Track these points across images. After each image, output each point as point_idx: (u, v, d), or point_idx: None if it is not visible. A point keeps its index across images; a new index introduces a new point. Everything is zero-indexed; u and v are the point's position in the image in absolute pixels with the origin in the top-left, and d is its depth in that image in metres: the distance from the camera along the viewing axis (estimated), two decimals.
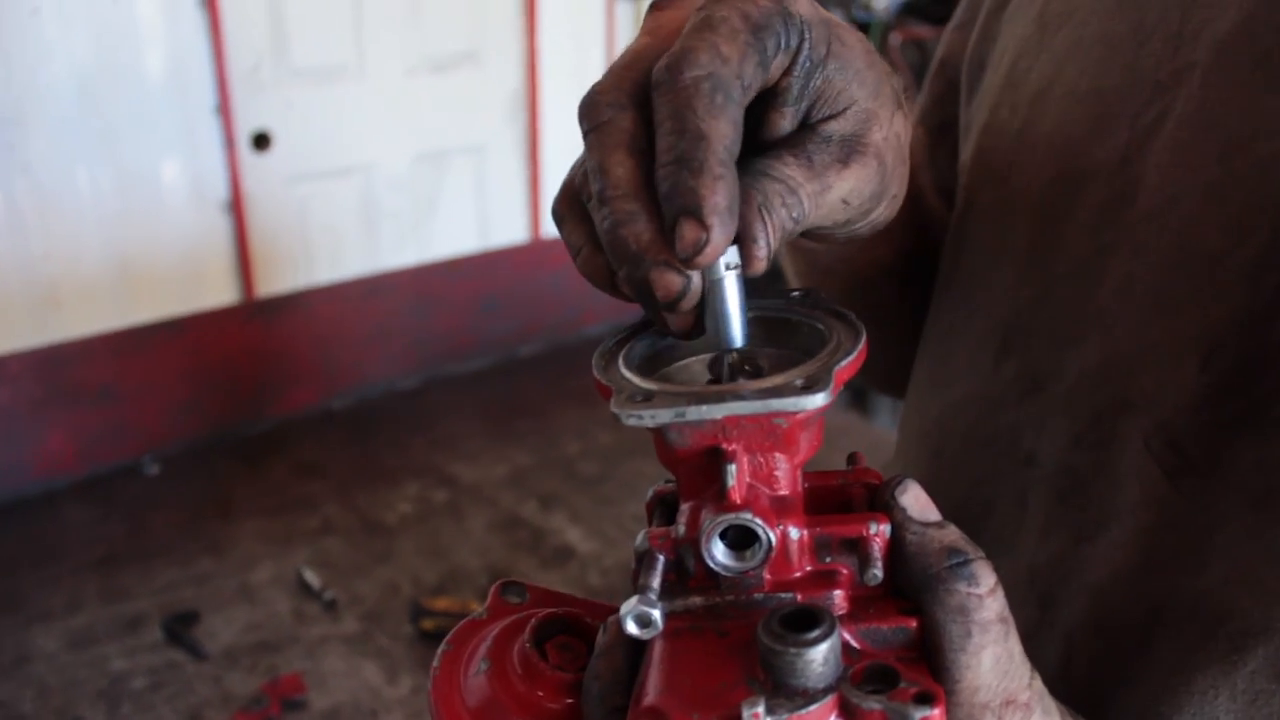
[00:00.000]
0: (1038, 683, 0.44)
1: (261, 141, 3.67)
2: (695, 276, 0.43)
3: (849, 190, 0.49)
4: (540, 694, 0.49)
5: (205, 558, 2.94)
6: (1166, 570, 0.58)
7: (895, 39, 4.86)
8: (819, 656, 0.38)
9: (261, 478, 3.25)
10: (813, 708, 0.38)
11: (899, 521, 0.43)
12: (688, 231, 0.41)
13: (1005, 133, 0.73)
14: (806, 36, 0.46)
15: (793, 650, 0.38)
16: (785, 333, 0.49)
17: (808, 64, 0.46)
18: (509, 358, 4.12)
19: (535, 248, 4.05)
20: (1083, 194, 0.66)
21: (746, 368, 0.46)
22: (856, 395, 4.27)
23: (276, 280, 3.70)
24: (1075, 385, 0.65)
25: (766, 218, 0.45)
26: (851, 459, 0.49)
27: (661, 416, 0.41)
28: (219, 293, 3.59)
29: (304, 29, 3.66)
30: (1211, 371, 0.57)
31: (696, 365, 0.49)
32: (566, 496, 3.22)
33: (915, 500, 0.44)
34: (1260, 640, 0.54)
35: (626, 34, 4.20)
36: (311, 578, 2.87)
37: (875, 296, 0.85)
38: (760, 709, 0.37)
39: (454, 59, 3.94)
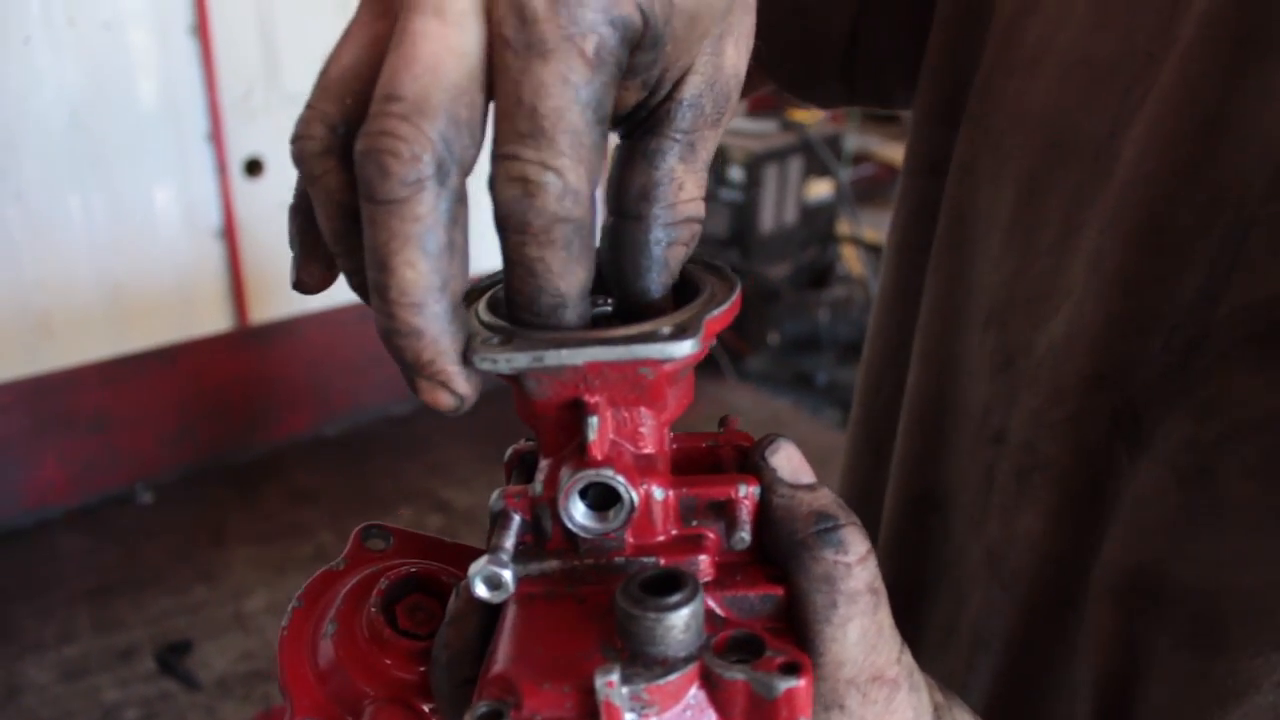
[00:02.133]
0: (907, 657, 0.42)
1: (254, 168, 3.68)
2: (468, 394, 0.38)
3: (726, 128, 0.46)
4: (388, 662, 0.45)
5: (199, 586, 2.93)
6: (1116, 542, 0.58)
7: None
8: (679, 623, 0.36)
9: (255, 505, 3.25)
10: (672, 677, 0.36)
11: (768, 483, 0.40)
12: (444, 399, 0.38)
13: (1000, 97, 0.72)
14: (656, 31, 0.39)
15: (652, 615, 0.36)
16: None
17: (653, 50, 0.40)
18: (501, 384, 4.07)
19: None
20: (1067, 166, 0.65)
21: (614, 314, 0.43)
22: (848, 412, 4.27)
23: (269, 306, 3.70)
24: (1043, 360, 0.64)
25: (669, 266, 0.42)
26: (723, 421, 0.46)
27: (518, 361, 0.37)
28: (212, 319, 3.59)
29: (295, 55, 3.67)
30: (1171, 350, 0.56)
31: None
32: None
33: (787, 460, 0.41)
34: (1181, 605, 0.54)
35: None
36: None
37: None
38: (615, 677, 0.34)
39: None
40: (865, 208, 5.50)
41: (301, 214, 0.42)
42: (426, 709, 0.45)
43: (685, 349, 0.37)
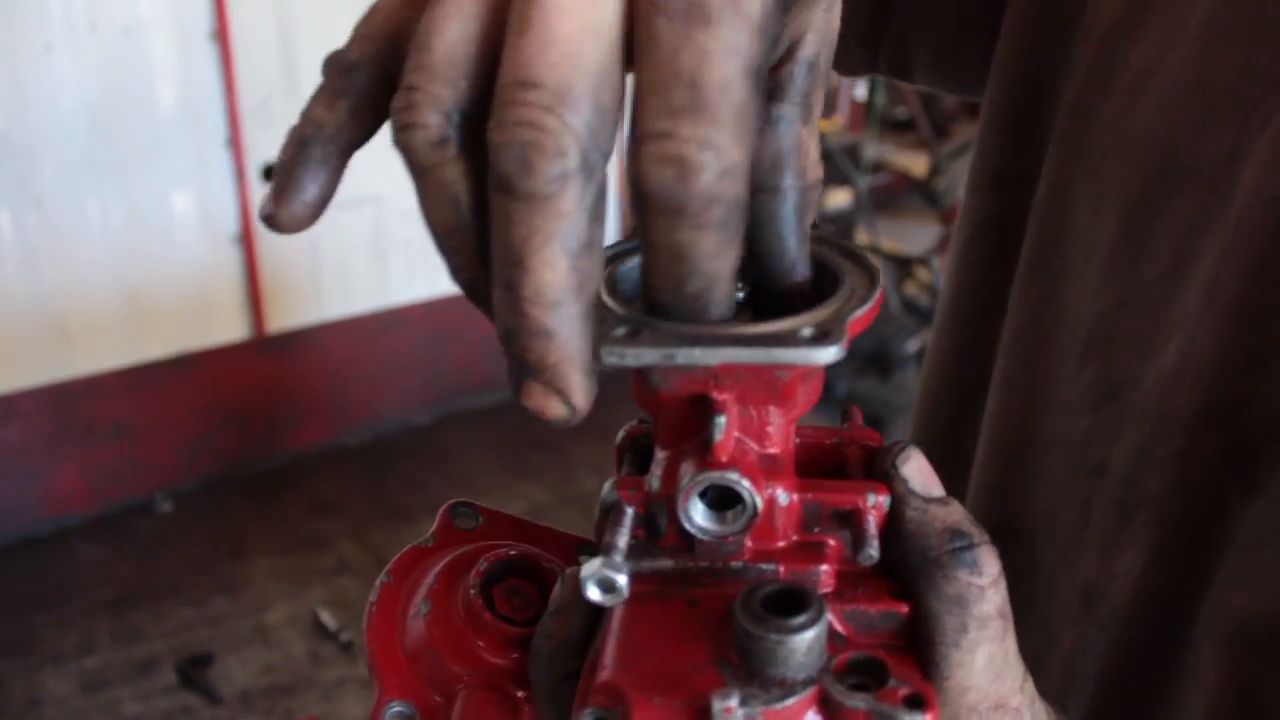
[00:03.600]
0: (1029, 686, 0.40)
1: (272, 174, 3.65)
2: (582, 407, 0.35)
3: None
4: (482, 646, 0.44)
5: (219, 597, 2.91)
6: (1226, 586, 0.56)
7: None
8: (803, 646, 0.34)
9: (275, 515, 3.22)
10: (790, 701, 0.34)
11: (899, 494, 0.38)
12: (555, 408, 0.35)
13: (1098, 120, 0.68)
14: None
15: (774, 637, 0.34)
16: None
17: (790, 9, 0.37)
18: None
19: None
20: (1180, 192, 0.62)
21: (746, 304, 0.41)
22: (873, 422, 4.26)
23: (287, 314, 3.68)
24: (1150, 393, 0.61)
25: (808, 238, 0.41)
26: (846, 415, 0.44)
27: (647, 357, 0.35)
28: (230, 328, 3.57)
29: (314, 61, 3.60)
30: None
31: None
32: (584, 534, 3.15)
33: (919, 471, 0.39)
34: None
35: None
36: (328, 619, 2.83)
37: None
38: (734, 702, 0.32)
39: None
40: (881, 217, 5.49)
41: (308, 144, 0.38)
42: (520, 695, 0.43)
43: (828, 356, 0.35)
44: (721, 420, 0.36)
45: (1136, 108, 0.66)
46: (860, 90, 5.35)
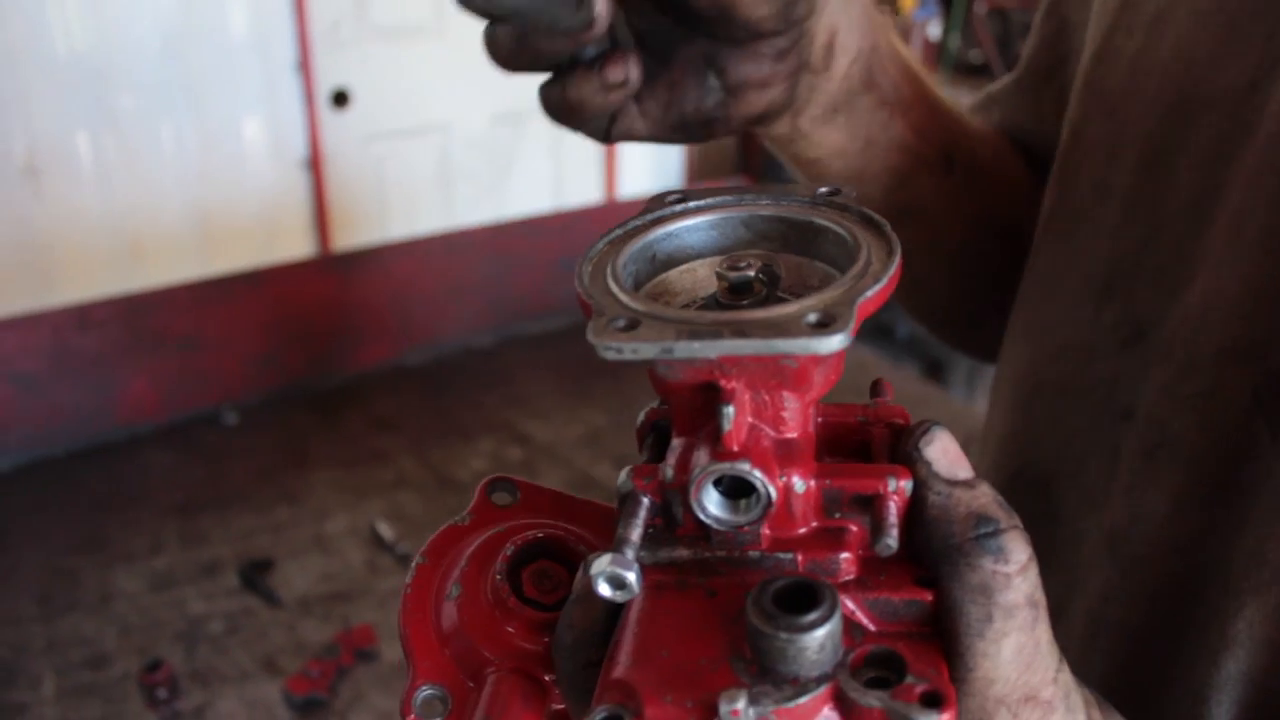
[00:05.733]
0: (1065, 676, 0.38)
1: (340, 99, 3.69)
2: None
3: None
4: (511, 630, 0.43)
5: (281, 507, 2.97)
6: (1262, 533, 0.54)
7: (981, 8, 4.75)
8: (814, 644, 0.33)
9: (337, 430, 3.28)
10: (803, 699, 0.33)
11: (922, 478, 0.37)
12: None
13: (1119, 58, 0.67)
14: None
15: (784, 635, 0.33)
16: (808, 237, 0.41)
17: None
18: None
19: (610, 209, 4.04)
20: (1200, 123, 0.60)
21: (761, 276, 0.39)
22: (931, 365, 4.20)
23: (353, 236, 3.73)
24: (1177, 332, 0.59)
25: None
26: (875, 388, 0.42)
27: (645, 351, 0.35)
28: (297, 247, 3.63)
29: None
30: None
31: (702, 269, 0.42)
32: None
33: (944, 453, 0.37)
34: None
35: None
36: (385, 530, 2.88)
37: (918, 192, 0.78)
38: (740, 704, 0.32)
39: None
40: None
41: None
42: (549, 679, 0.43)
43: (833, 345, 0.33)
44: (729, 410, 0.35)
45: (1157, 43, 0.64)
46: (934, 30, 5.23)
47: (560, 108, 0.57)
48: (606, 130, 0.60)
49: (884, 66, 0.68)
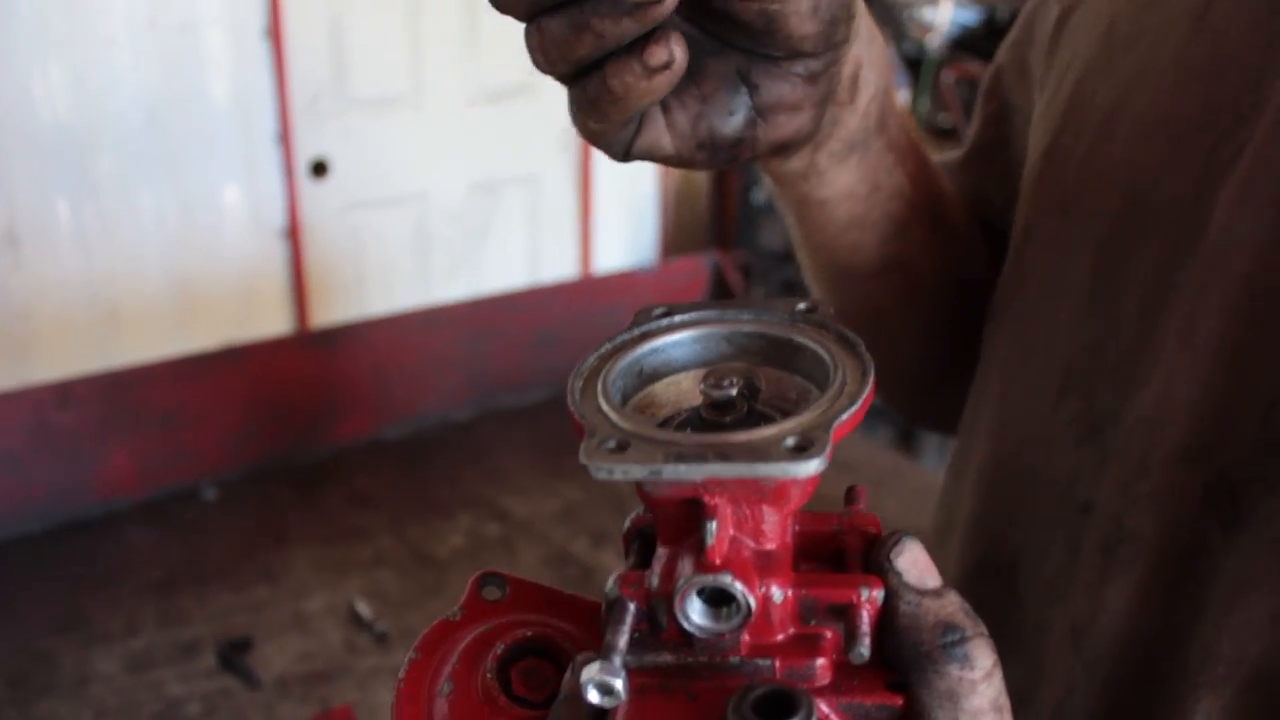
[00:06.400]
0: None
1: (320, 169, 3.74)
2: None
3: None
4: None
5: (260, 584, 2.98)
6: (1215, 628, 0.56)
7: (948, 76, 4.86)
8: None
9: (316, 506, 3.29)
10: None
11: (893, 588, 0.39)
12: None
13: (1069, 159, 0.70)
14: None
15: None
16: (786, 353, 0.44)
17: None
18: (562, 391, 4.05)
19: (585, 284, 4.09)
20: (1150, 230, 0.63)
21: (743, 392, 0.41)
22: (903, 434, 4.26)
23: (331, 308, 3.76)
24: (1132, 431, 0.62)
25: None
26: (849, 495, 0.45)
27: (634, 473, 0.37)
28: (275, 321, 3.66)
29: (364, 59, 3.73)
30: (1271, 425, 0.54)
31: (686, 382, 0.44)
32: (617, 534, 3.16)
33: (914, 563, 0.39)
34: None
35: None
36: (364, 609, 2.90)
37: (910, 245, 0.79)
38: None
39: (510, 90, 3.99)
40: None
41: None
42: None
43: (810, 469, 0.36)
44: (713, 525, 0.37)
45: (1105, 147, 0.67)
46: (904, 95, 5.35)
47: (598, 103, 0.53)
48: (629, 144, 0.57)
49: (893, 109, 0.69)
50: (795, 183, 0.69)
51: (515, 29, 0.52)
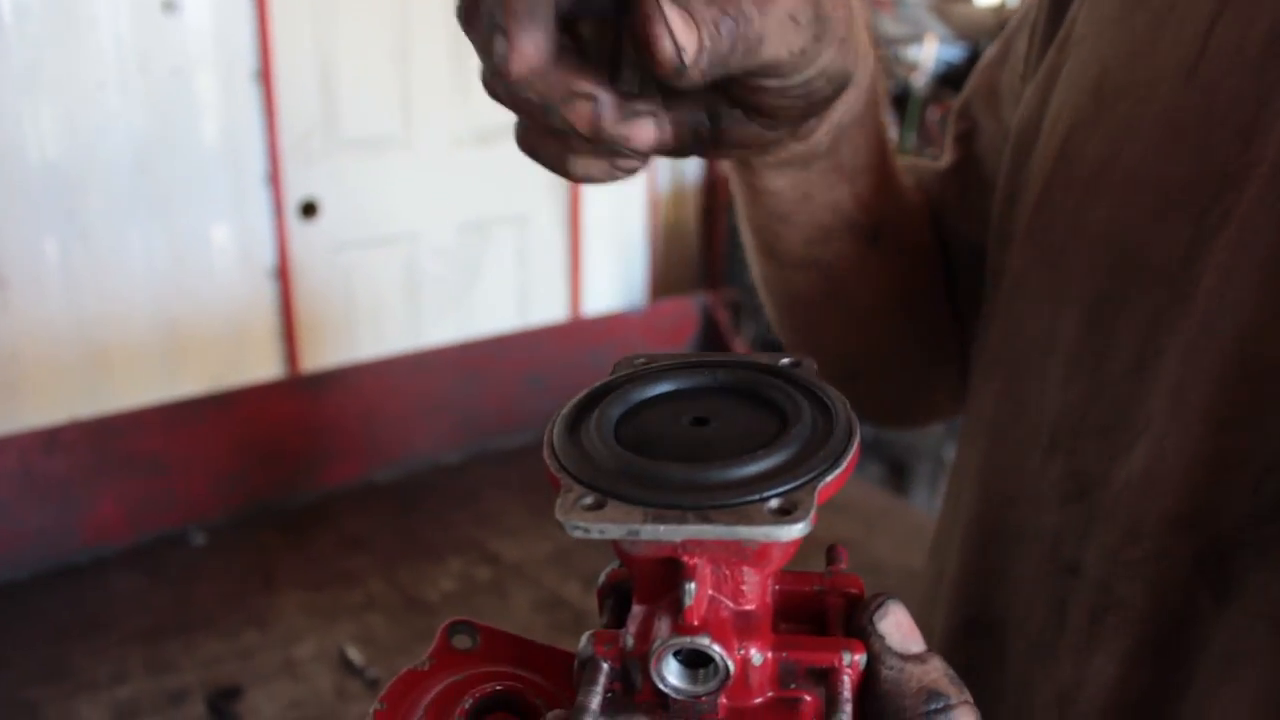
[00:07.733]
0: None
1: (309, 210, 3.74)
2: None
3: (793, 5, 0.48)
4: None
5: (249, 631, 2.96)
6: (1204, 700, 0.56)
7: (933, 113, 4.91)
8: None
9: (305, 551, 3.27)
10: None
11: (875, 652, 0.38)
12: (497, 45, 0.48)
13: (1058, 212, 0.68)
14: None
15: None
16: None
17: None
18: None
19: (575, 325, 4.10)
20: (1140, 289, 0.62)
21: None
22: (893, 471, 4.27)
23: (320, 349, 3.75)
24: (1121, 495, 0.61)
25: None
26: (831, 555, 0.44)
27: (611, 532, 0.36)
28: (265, 361, 3.65)
29: (354, 100, 3.75)
30: (1263, 493, 0.54)
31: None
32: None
33: (897, 627, 0.38)
34: None
35: None
36: (355, 654, 2.88)
37: (836, 251, 0.79)
38: None
39: (499, 131, 4.01)
40: None
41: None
42: None
43: (794, 533, 0.35)
44: (691, 587, 0.36)
45: (1094, 203, 0.65)
46: (891, 133, 5.39)
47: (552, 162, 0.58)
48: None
49: (851, 135, 0.69)
50: (738, 169, 0.72)
51: None
